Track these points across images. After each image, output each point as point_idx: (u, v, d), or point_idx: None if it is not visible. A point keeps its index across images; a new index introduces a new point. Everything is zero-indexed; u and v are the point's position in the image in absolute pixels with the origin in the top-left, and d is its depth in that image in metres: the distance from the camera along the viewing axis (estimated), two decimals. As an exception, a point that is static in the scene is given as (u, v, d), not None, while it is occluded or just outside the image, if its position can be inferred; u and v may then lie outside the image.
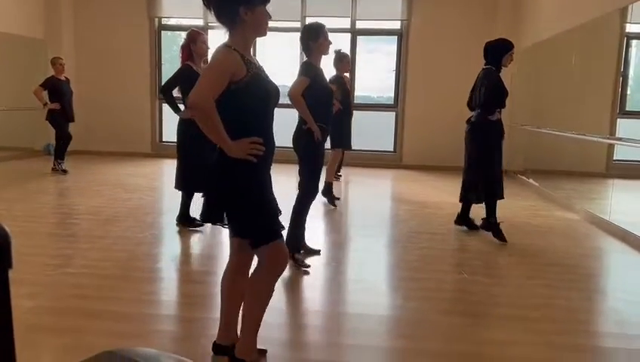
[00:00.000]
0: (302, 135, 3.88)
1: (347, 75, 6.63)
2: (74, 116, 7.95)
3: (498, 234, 4.70)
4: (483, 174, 4.84)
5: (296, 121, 3.97)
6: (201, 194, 4.98)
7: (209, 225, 4.51)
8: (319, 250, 4.26)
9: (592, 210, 5.84)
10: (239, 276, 2.39)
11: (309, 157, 3.92)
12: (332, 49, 6.07)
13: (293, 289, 3.55)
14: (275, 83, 2.32)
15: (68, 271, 3.64)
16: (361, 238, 4.98)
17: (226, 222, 2.23)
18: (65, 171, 7.82)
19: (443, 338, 2.82)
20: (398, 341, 2.83)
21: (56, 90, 7.69)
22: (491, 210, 4.79)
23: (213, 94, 2.04)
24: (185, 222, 4.83)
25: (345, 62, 6.40)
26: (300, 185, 3.97)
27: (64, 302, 3.11)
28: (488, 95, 4.68)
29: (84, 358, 0.78)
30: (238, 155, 2.12)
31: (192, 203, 4.81)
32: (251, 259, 2.42)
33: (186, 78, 4.49)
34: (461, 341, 2.82)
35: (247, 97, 2.12)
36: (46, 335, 2.71)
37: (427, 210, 6.11)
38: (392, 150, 10.13)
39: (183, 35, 4.82)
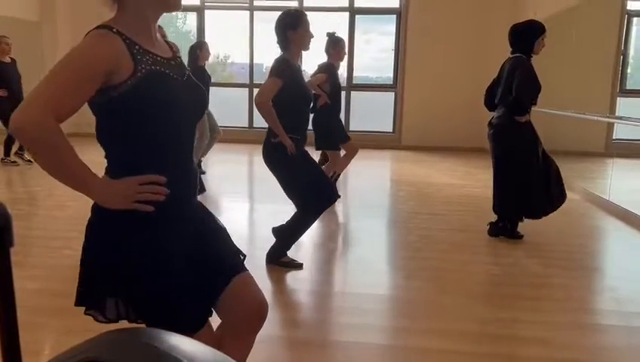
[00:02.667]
0: (272, 149, 3.25)
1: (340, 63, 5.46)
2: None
3: (513, 234, 4.24)
4: (510, 187, 4.13)
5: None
6: None
7: None
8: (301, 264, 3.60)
9: (592, 190, 5.85)
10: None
11: (285, 173, 3.29)
12: (324, 31, 5.12)
13: (292, 270, 3.56)
14: (200, 85, 1.53)
15: (69, 254, 3.63)
16: (361, 219, 4.99)
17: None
18: (14, 162, 6.93)
19: (443, 318, 2.84)
20: (399, 320, 2.86)
21: (1, 74, 6.77)
22: (513, 226, 4.25)
23: (61, 110, 1.23)
24: None
25: (339, 47, 5.21)
26: (295, 205, 3.39)
27: (67, 284, 3.09)
28: (521, 89, 3.90)
29: (88, 339, 0.78)
30: (118, 204, 1.33)
31: None
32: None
33: None
34: (461, 320, 2.83)
35: (136, 110, 1.32)
36: (49, 317, 2.72)
37: (427, 190, 6.12)
38: (392, 131, 10.11)
39: (180, 15, 4.61)
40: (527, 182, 4.08)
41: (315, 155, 3.98)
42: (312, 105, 4.37)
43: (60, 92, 1.23)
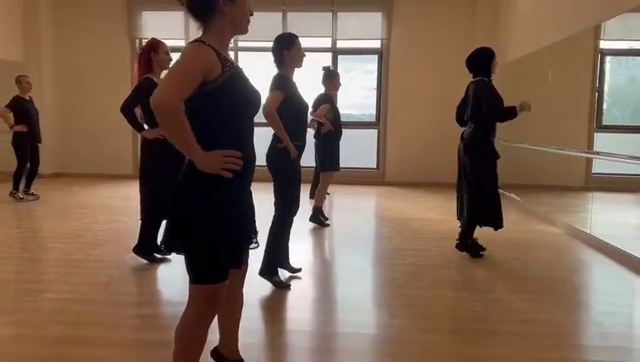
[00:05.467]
0: (276, 154, 3.67)
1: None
2: (41, 137, 7.58)
3: (476, 252, 4.74)
4: (480, 195, 4.68)
5: (270, 138, 3.77)
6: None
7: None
8: (300, 269, 4.17)
9: (573, 224, 5.92)
10: (228, 300, 2.13)
11: (284, 176, 3.72)
12: (320, 66, 6.11)
13: (279, 310, 3.53)
14: (255, 87, 2.06)
15: (49, 297, 3.58)
16: (347, 256, 4.98)
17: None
18: (21, 198, 7.42)
19: (427, 356, 2.83)
20: (383, 359, 2.83)
21: (22, 110, 7.29)
22: (469, 232, 4.77)
23: (181, 95, 1.78)
24: (146, 253, 4.41)
25: (335, 80, 6.11)
26: (277, 206, 3.79)
27: (46, 330, 3.05)
28: (493, 106, 4.55)
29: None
30: (209, 170, 1.85)
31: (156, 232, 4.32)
32: (241, 277, 2.23)
33: (147, 92, 4.21)
34: (446, 358, 2.82)
35: (222, 101, 1.87)
36: (27, 363, 2.66)
37: (411, 226, 6.14)
38: (375, 167, 10.20)
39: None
40: (495, 192, 4.68)
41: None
42: (315, 132, 5.93)
43: (180, 83, 1.78)
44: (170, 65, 3.88)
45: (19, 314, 3.26)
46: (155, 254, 4.45)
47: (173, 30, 9.95)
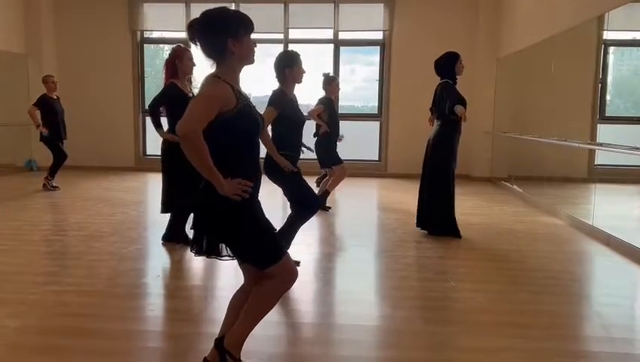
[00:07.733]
0: (272, 167, 3.80)
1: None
2: (66, 134, 7.87)
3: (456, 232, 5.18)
4: (438, 195, 5.20)
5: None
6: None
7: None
8: (298, 262, 4.20)
9: (576, 215, 5.91)
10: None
11: (289, 181, 3.87)
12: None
13: (282, 301, 3.52)
14: (259, 113, 2.36)
15: (52, 289, 3.59)
16: (350, 248, 4.99)
17: (223, 255, 2.25)
18: (55, 188, 7.70)
19: (430, 347, 2.83)
20: (386, 351, 2.84)
21: (49, 108, 7.61)
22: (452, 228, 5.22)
23: (201, 125, 2.02)
24: (173, 239, 4.70)
25: (334, 84, 6.47)
26: (293, 207, 3.98)
27: (49, 321, 3.06)
28: (453, 106, 4.88)
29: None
30: (225, 193, 2.12)
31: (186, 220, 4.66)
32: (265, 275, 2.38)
33: (171, 97, 4.44)
34: (448, 349, 2.83)
35: (236, 127, 2.14)
36: (31, 355, 2.67)
37: (413, 218, 6.13)
38: (377, 159, 10.18)
39: (166, 48, 4.76)
40: (451, 193, 5.17)
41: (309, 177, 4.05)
42: (314, 132, 6.42)
43: (201, 114, 2.03)
44: (188, 84, 4.62)
45: (22, 306, 3.27)
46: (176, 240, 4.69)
47: (174, 22, 9.92)
